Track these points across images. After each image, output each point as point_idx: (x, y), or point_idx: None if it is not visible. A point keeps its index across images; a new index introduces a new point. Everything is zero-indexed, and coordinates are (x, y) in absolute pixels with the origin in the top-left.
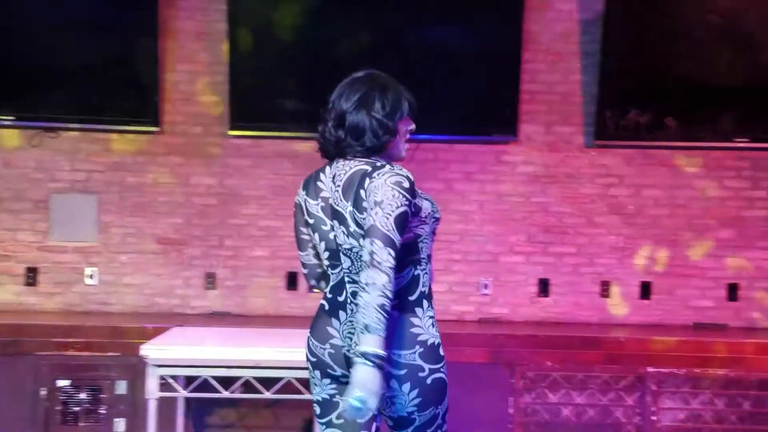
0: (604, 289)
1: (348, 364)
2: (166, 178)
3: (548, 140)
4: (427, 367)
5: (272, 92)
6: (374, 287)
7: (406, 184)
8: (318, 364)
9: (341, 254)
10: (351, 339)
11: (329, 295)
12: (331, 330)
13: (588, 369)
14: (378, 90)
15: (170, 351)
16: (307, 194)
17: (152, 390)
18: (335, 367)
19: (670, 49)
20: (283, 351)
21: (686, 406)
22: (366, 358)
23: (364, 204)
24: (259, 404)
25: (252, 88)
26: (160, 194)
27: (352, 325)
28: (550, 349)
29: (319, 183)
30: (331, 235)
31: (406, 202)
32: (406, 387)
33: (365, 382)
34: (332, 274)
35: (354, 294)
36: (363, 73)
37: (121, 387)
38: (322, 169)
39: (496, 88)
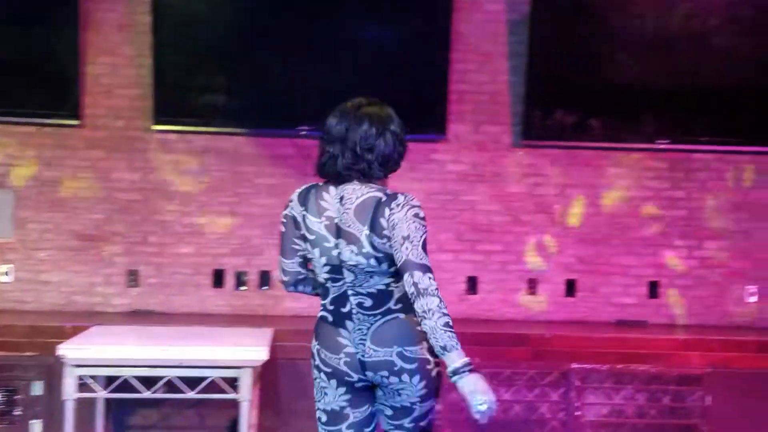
0: (531, 287)
1: (363, 368)
2: (87, 172)
3: (477, 139)
4: (432, 360)
5: (198, 86)
6: (431, 312)
7: (422, 214)
8: (334, 374)
9: (344, 269)
10: (364, 345)
11: (330, 307)
12: (341, 340)
13: (514, 365)
14: (389, 117)
15: (89, 350)
16: (306, 210)
17: (69, 391)
18: (352, 374)
19: (595, 51)
20: (208, 350)
21: (609, 401)
22: (462, 373)
23: (385, 232)
24: (182, 404)
25: (177, 81)
26: (81, 189)
27: (362, 332)
28: (478, 345)
29: (322, 202)
30: (335, 252)
31: (425, 229)
32: (416, 379)
33: (478, 388)
34: (333, 286)
35: (359, 305)
36: (365, 100)
37: (38, 388)
38: (324, 188)
39: (426, 87)
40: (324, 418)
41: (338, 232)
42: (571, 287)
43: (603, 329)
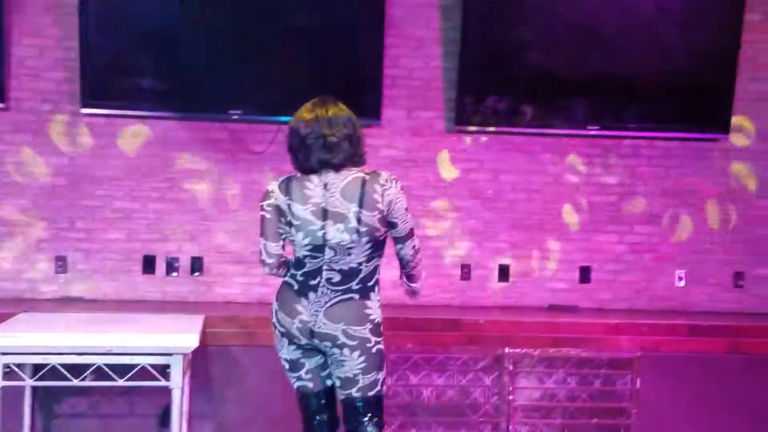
0: (465, 272)
1: (312, 335)
2: (12, 157)
3: (410, 125)
4: (373, 339)
5: (127, 69)
6: (420, 264)
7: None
8: (286, 334)
9: (327, 248)
10: (317, 317)
11: (300, 278)
12: (299, 307)
13: (448, 350)
14: (349, 112)
15: (15, 338)
16: (291, 199)
17: None
18: (301, 338)
19: (527, 38)
20: (138, 337)
21: (541, 385)
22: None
23: (378, 206)
24: (112, 392)
25: (105, 64)
26: (5, 174)
27: (320, 305)
28: (411, 330)
29: (306, 191)
30: (320, 233)
31: None
32: (356, 354)
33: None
34: (310, 262)
35: (328, 280)
36: (329, 99)
37: None
38: (304, 179)
39: (359, 72)
40: (287, 366)
41: (324, 215)
42: (504, 272)
43: (535, 314)
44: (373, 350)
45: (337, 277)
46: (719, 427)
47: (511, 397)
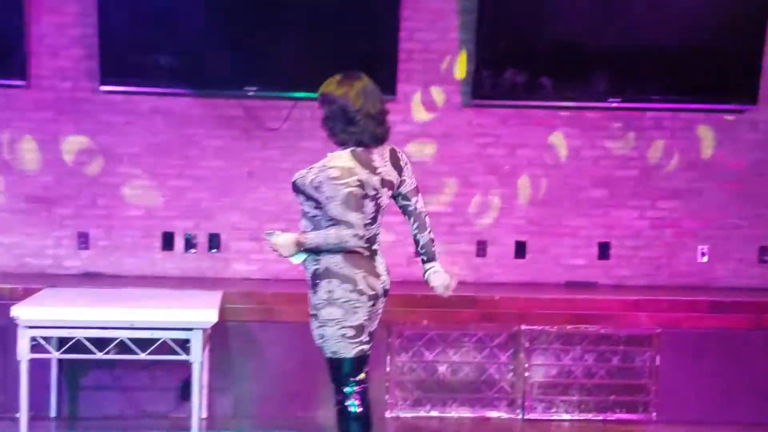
0: (481, 249)
1: (385, 294)
2: (35, 134)
3: (426, 99)
4: None
5: (145, 47)
6: (431, 227)
7: None
8: (374, 296)
9: (379, 215)
10: (385, 276)
11: (365, 244)
12: (378, 270)
13: (463, 327)
14: None
15: (42, 312)
16: (369, 171)
17: (23, 352)
18: (381, 296)
19: (546, 9)
20: (159, 312)
21: (558, 362)
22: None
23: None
24: (134, 365)
25: (123, 41)
26: (29, 151)
27: (383, 265)
28: (426, 308)
29: (374, 163)
30: (380, 200)
31: None
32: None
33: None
34: (369, 229)
35: (378, 243)
36: (357, 72)
37: None
38: (367, 151)
39: (375, 45)
40: (351, 333)
41: (384, 183)
42: (520, 249)
43: (552, 291)
44: None
45: (379, 238)
46: (740, 404)
47: (527, 374)
